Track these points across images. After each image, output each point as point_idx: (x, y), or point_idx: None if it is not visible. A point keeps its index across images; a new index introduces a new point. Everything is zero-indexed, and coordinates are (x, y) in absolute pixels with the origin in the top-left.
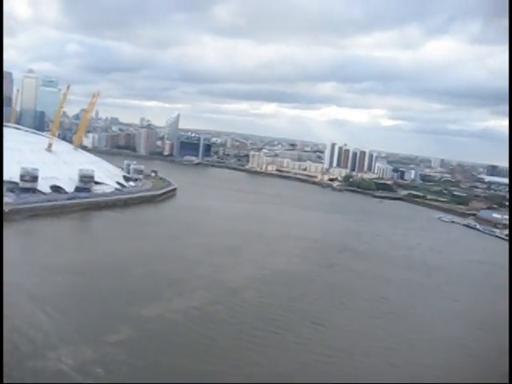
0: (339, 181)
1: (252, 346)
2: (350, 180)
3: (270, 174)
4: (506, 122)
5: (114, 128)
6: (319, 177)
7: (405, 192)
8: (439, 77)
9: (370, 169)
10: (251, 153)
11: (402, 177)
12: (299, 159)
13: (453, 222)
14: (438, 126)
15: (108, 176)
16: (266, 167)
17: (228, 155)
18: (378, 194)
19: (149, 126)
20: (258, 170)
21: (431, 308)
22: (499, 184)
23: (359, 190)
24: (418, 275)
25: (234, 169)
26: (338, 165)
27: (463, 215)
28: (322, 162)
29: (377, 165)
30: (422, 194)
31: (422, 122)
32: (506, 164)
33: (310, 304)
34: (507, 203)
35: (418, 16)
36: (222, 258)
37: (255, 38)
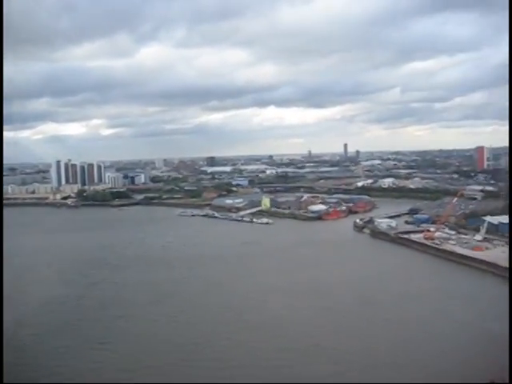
0: (73, 197)
1: None
2: (84, 194)
3: None
4: (218, 116)
5: None
6: (51, 197)
7: (140, 196)
8: (153, 81)
9: (100, 180)
10: None
11: (133, 182)
12: (24, 183)
13: (193, 215)
14: (156, 127)
15: None
16: None
17: None
18: (115, 203)
19: None
20: None
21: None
22: (220, 173)
23: (96, 202)
24: (181, 271)
25: None
26: (68, 181)
27: (200, 207)
28: (49, 182)
29: (107, 175)
30: (157, 195)
31: (140, 127)
32: (221, 154)
33: (88, 326)
34: (234, 188)
35: (125, 25)
36: None
37: None
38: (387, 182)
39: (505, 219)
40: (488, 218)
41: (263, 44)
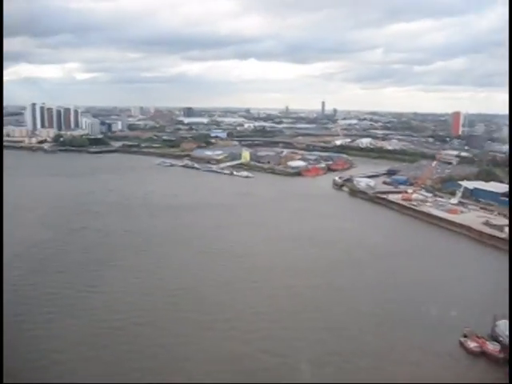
0: (49, 142)
1: None
2: (61, 140)
3: None
4: (197, 66)
5: None
6: (26, 141)
7: (118, 143)
8: (134, 26)
9: (77, 125)
10: None
11: (110, 129)
12: None
13: (172, 165)
14: (133, 74)
15: None
16: None
17: None
18: (92, 149)
19: None
20: None
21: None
22: (198, 124)
23: (73, 148)
24: (165, 220)
25: None
26: (43, 125)
27: (179, 157)
28: (24, 125)
29: (84, 120)
30: (136, 143)
31: (118, 72)
32: (198, 105)
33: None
34: (212, 140)
35: None
36: None
37: None
38: (365, 141)
39: (479, 185)
40: (464, 183)
41: None
